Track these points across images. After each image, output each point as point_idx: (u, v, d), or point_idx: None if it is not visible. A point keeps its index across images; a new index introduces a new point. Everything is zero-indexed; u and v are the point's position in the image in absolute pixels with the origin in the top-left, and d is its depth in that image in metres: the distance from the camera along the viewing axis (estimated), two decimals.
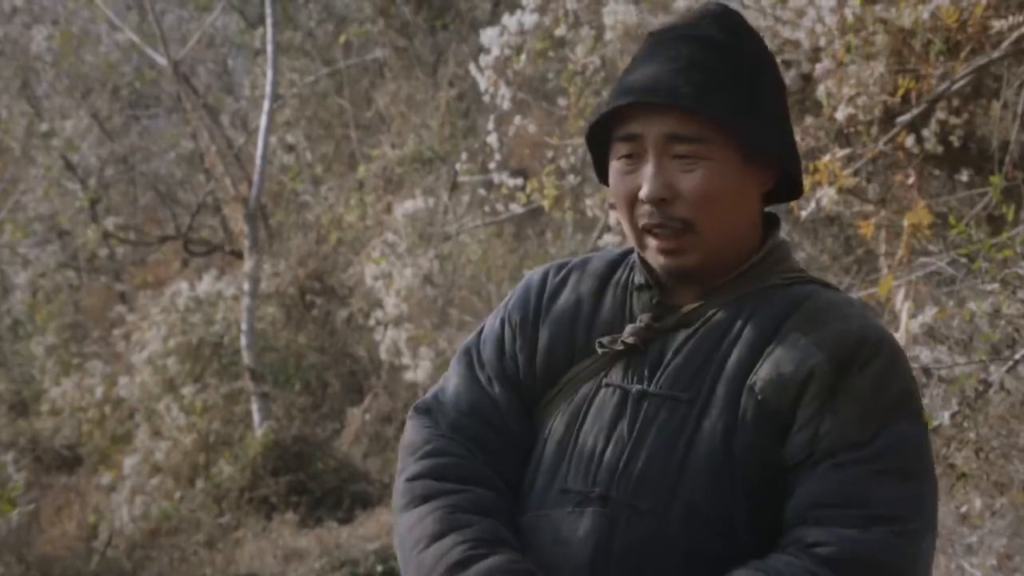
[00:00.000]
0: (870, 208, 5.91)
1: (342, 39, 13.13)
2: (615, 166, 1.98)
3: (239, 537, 10.32)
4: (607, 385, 1.97)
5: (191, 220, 14.43)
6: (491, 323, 2.10)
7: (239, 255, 12.77)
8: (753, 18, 5.91)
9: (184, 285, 12.16)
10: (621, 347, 1.97)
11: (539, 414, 2.02)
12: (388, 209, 11.29)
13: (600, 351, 1.99)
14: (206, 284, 12.10)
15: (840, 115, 5.27)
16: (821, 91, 5.39)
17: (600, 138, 2.01)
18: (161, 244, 14.99)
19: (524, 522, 1.94)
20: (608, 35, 6.63)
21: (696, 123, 1.91)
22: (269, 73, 12.01)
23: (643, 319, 1.98)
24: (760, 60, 1.99)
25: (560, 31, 6.84)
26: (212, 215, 14.72)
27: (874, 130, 5.36)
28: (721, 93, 1.91)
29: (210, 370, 11.78)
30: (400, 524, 1.96)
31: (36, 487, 11.71)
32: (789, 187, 2.04)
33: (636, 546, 1.86)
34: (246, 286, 11.69)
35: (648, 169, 1.93)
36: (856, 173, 5.49)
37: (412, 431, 2.05)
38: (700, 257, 1.94)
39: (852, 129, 5.39)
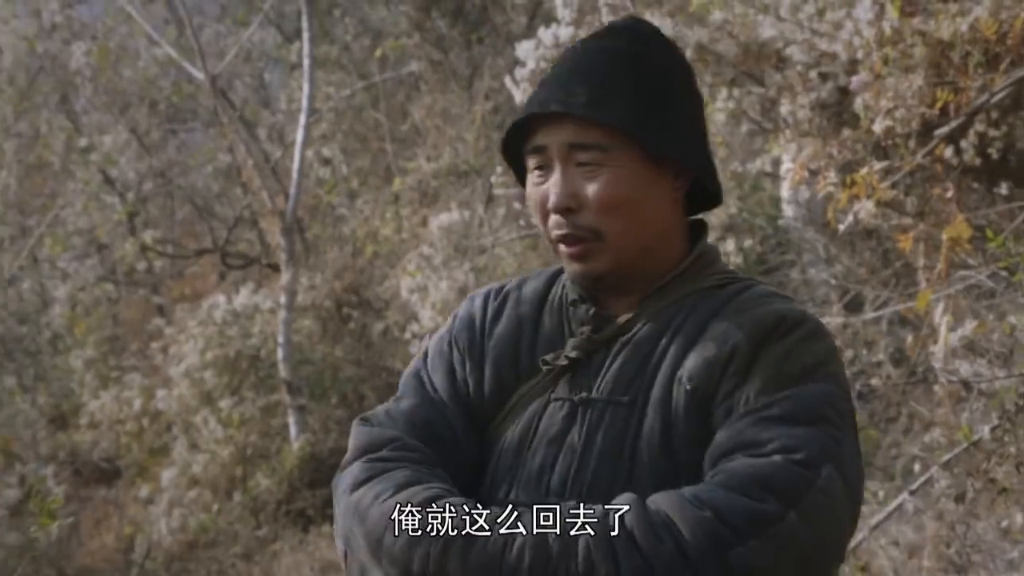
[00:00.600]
0: (908, 221, 5.87)
1: (378, 53, 13.16)
2: (529, 179, 2.02)
3: (276, 550, 10.33)
4: (555, 399, 1.99)
5: (228, 233, 14.47)
6: (437, 347, 2.13)
7: (276, 268, 12.80)
8: (790, 31, 5.90)
9: (221, 298, 12.19)
10: (565, 362, 2.00)
11: (491, 434, 2.03)
12: (423, 222, 11.30)
13: (545, 368, 2.01)
14: (243, 297, 12.13)
15: (878, 128, 5.24)
16: (859, 104, 5.37)
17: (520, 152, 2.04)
18: (198, 257, 15.05)
19: None
20: None
21: (595, 131, 1.93)
22: (305, 87, 12.05)
23: (583, 332, 2.00)
24: (668, 69, 2.01)
25: None
26: (249, 228, 14.76)
27: (912, 143, 5.33)
28: (620, 101, 1.93)
29: (247, 383, 11.81)
30: (360, 492, 1.93)
31: (75, 500, 11.77)
32: (708, 194, 2.05)
33: None
34: (283, 299, 11.72)
35: (554, 179, 1.96)
36: (894, 186, 5.46)
37: (364, 435, 2.03)
38: (609, 262, 1.97)
39: (890, 142, 5.37)
